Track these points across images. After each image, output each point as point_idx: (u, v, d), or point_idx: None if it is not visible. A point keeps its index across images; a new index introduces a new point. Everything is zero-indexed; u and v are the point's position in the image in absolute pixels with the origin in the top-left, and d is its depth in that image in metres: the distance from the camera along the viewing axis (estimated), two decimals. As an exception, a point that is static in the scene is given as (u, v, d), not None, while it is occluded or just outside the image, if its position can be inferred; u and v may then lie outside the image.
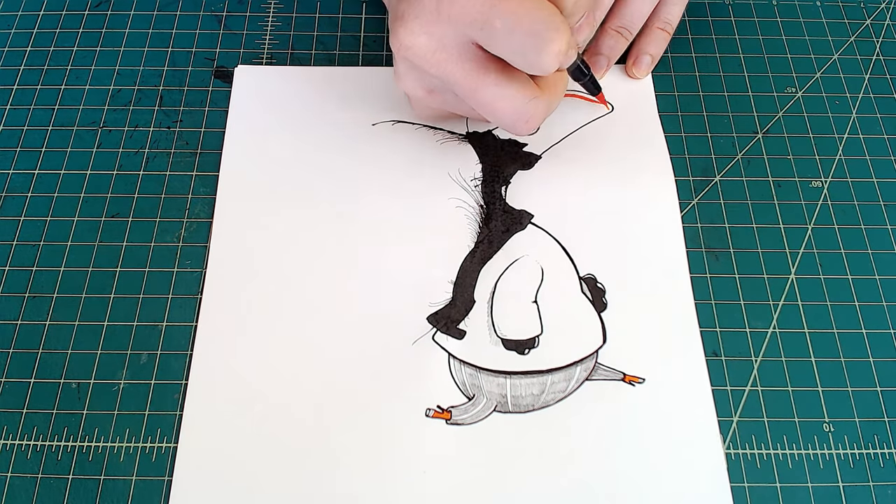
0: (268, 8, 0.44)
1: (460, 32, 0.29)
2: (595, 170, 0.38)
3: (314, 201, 0.37)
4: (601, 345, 0.33)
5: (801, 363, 0.33)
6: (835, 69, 0.42)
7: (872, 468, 0.31)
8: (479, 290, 0.35)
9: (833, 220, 0.37)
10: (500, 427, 0.32)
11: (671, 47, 0.41)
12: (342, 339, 0.33)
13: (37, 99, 0.40)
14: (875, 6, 0.44)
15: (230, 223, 0.36)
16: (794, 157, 0.39)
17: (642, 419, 0.32)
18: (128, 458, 0.31)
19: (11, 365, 0.33)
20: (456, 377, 0.33)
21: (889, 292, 0.35)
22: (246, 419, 0.32)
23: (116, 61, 0.42)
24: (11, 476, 0.31)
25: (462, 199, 0.37)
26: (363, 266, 0.35)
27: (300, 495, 0.30)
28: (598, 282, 0.35)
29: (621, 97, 0.40)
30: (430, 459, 0.31)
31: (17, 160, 0.38)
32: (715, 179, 0.38)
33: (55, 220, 0.37)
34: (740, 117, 0.40)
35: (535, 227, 0.36)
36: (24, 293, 0.35)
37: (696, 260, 0.36)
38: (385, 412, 0.32)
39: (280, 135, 0.39)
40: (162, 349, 0.33)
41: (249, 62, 0.42)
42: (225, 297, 0.34)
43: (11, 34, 0.43)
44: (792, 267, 0.36)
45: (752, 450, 0.32)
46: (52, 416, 0.32)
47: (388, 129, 0.39)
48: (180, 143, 0.39)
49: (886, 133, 0.40)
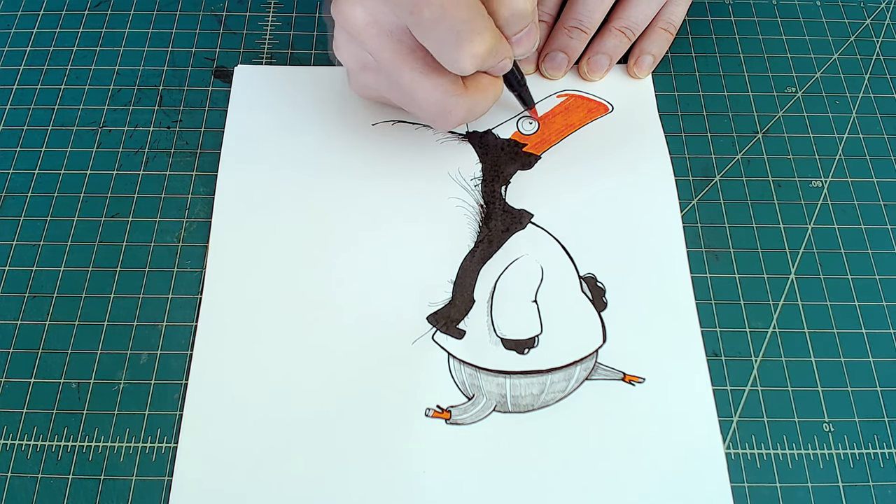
0: (268, 8, 0.44)
1: (394, 12, 0.30)
2: (595, 169, 0.38)
3: (314, 201, 0.37)
4: (601, 344, 0.33)
5: (801, 363, 0.33)
6: (835, 69, 0.42)
7: (872, 468, 0.31)
8: (479, 289, 0.35)
9: (833, 220, 0.37)
10: (499, 427, 0.32)
11: (671, 47, 0.41)
12: (342, 339, 0.33)
13: (37, 99, 0.40)
14: (875, 6, 0.44)
15: (229, 223, 0.36)
16: (794, 156, 0.39)
17: (642, 419, 0.32)
18: (128, 458, 0.31)
19: (11, 365, 0.33)
20: (455, 377, 0.33)
21: (889, 292, 0.35)
22: (246, 419, 0.32)
23: (116, 61, 0.42)
24: (11, 476, 0.31)
25: (462, 199, 0.37)
26: (363, 265, 0.35)
27: (300, 495, 0.30)
28: (598, 281, 0.35)
29: (621, 97, 0.40)
30: (429, 459, 0.31)
31: (17, 160, 0.38)
32: (715, 179, 0.38)
33: (55, 220, 0.37)
34: (740, 117, 0.40)
35: (535, 227, 0.36)
36: (24, 293, 0.35)
37: (696, 260, 0.36)
38: (385, 412, 0.32)
39: (280, 135, 0.39)
40: (162, 349, 0.33)
41: (249, 62, 0.42)
42: (225, 297, 0.34)
43: (11, 34, 0.43)
44: (792, 267, 0.36)
45: (752, 450, 0.32)
46: (52, 416, 0.32)
47: (388, 129, 0.39)
48: (180, 143, 0.39)
49: (886, 133, 0.40)
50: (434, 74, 0.31)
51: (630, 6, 0.40)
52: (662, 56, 0.41)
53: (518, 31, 0.32)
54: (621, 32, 0.40)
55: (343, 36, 0.33)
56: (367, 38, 0.31)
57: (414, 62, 0.31)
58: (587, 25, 0.39)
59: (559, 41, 0.40)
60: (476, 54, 0.29)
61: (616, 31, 0.40)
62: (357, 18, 0.31)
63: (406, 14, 0.29)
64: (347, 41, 0.33)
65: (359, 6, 0.30)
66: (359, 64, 0.34)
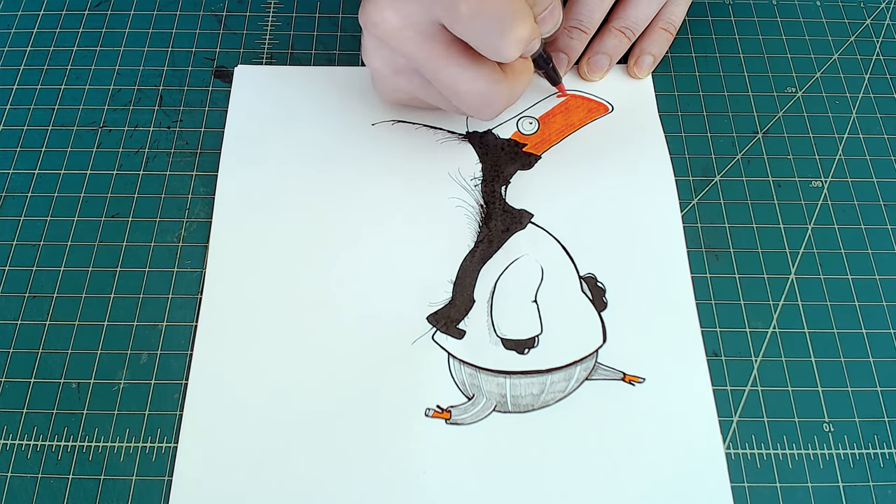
0: (268, 8, 0.44)
1: (426, 12, 0.30)
2: (595, 169, 0.38)
3: (313, 201, 0.37)
4: (601, 344, 0.33)
5: (801, 363, 0.33)
6: (835, 69, 0.42)
7: (872, 468, 0.31)
8: (479, 289, 0.35)
9: (833, 220, 0.37)
10: (499, 427, 0.32)
11: (671, 47, 0.41)
12: (342, 339, 0.33)
13: (37, 99, 0.40)
14: (875, 6, 0.44)
15: (229, 223, 0.36)
16: (794, 157, 0.39)
17: (642, 419, 0.32)
18: (128, 458, 0.31)
19: (11, 365, 0.33)
20: (455, 377, 0.33)
21: (889, 292, 0.35)
22: (246, 419, 0.32)
23: (116, 61, 0.42)
24: (11, 476, 0.31)
25: (462, 199, 0.37)
26: (363, 265, 0.35)
27: (300, 495, 0.30)
28: (598, 281, 0.35)
29: (621, 97, 0.40)
30: (429, 459, 0.31)
31: (17, 160, 0.38)
32: (715, 179, 0.38)
33: (55, 220, 0.37)
34: (740, 117, 0.40)
35: (535, 227, 0.36)
36: (24, 293, 0.35)
37: (696, 260, 0.36)
38: (385, 412, 0.32)
39: (280, 135, 0.39)
40: (162, 349, 0.33)
41: (249, 62, 0.42)
42: (225, 297, 0.34)
43: (11, 34, 0.43)
44: (792, 267, 0.36)
45: (752, 450, 0.32)
46: (52, 416, 0.32)
47: (388, 129, 0.39)
48: (180, 143, 0.39)
49: (886, 133, 0.40)
50: (474, 66, 0.31)
51: (630, 6, 0.40)
52: (662, 56, 0.41)
53: (543, 10, 0.32)
54: (621, 32, 0.40)
55: (372, 42, 0.32)
56: (402, 41, 0.31)
57: (452, 58, 0.31)
58: (587, 25, 0.39)
59: (559, 41, 0.40)
60: (521, 38, 0.29)
61: (616, 31, 0.40)
62: (388, 23, 0.30)
63: (441, 11, 0.29)
64: (377, 47, 0.32)
65: (389, 10, 0.30)
66: (391, 69, 0.33)
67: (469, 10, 0.28)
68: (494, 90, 0.32)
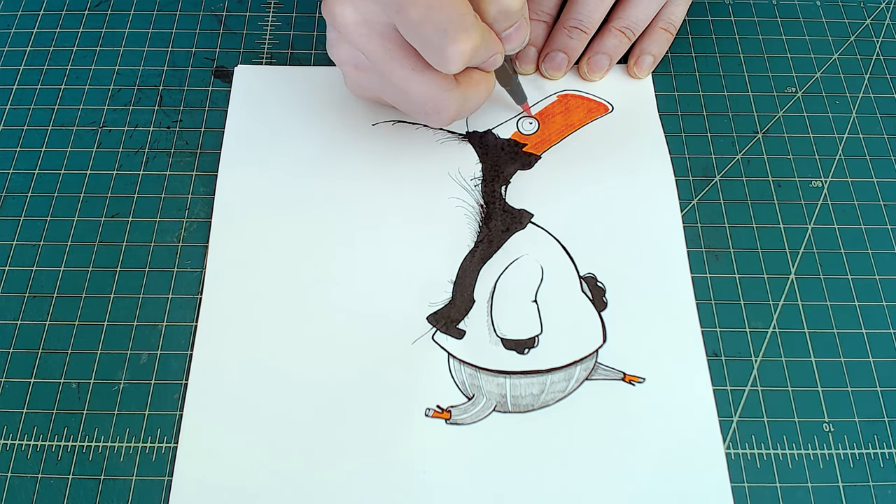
0: (268, 8, 0.44)
1: (382, 12, 0.30)
2: (595, 169, 0.38)
3: (313, 201, 0.37)
4: (601, 344, 0.33)
5: (801, 363, 0.33)
6: (835, 69, 0.42)
7: (872, 468, 0.31)
8: (479, 289, 0.35)
9: (833, 220, 0.37)
10: (499, 427, 0.32)
11: (671, 47, 0.41)
12: (342, 339, 0.33)
13: (37, 99, 0.40)
14: (875, 6, 0.44)
15: (229, 223, 0.36)
16: (794, 156, 0.39)
17: (642, 419, 0.32)
18: (128, 458, 0.31)
19: (11, 365, 0.33)
20: (455, 377, 0.33)
21: (889, 292, 0.35)
22: (246, 419, 0.32)
23: (116, 61, 0.42)
24: (11, 476, 0.31)
25: (462, 199, 0.37)
26: (363, 265, 0.35)
27: (300, 495, 0.30)
28: (598, 281, 0.35)
29: (621, 97, 0.40)
30: (429, 459, 0.31)
31: (17, 160, 0.38)
32: (715, 179, 0.38)
33: (55, 220, 0.37)
34: (740, 117, 0.40)
35: (535, 227, 0.36)
36: (24, 293, 0.35)
37: (696, 260, 0.36)
38: (384, 412, 0.32)
39: (280, 134, 0.39)
40: (162, 349, 0.33)
41: (249, 62, 0.42)
42: (225, 297, 0.34)
43: (11, 34, 0.43)
44: (792, 267, 0.36)
45: (752, 450, 0.32)
46: (52, 416, 0.32)
47: (388, 129, 0.39)
48: (180, 143, 0.39)
49: (886, 133, 0.40)
50: (425, 71, 0.31)
51: (630, 6, 0.40)
52: (662, 56, 0.41)
53: (507, 28, 0.32)
54: (621, 32, 0.40)
55: (335, 35, 0.33)
56: (358, 37, 0.31)
57: (404, 60, 0.31)
58: (587, 25, 0.39)
59: (559, 41, 0.40)
60: (462, 52, 0.29)
61: (616, 31, 0.40)
62: (346, 18, 0.31)
63: (393, 13, 0.29)
64: (339, 40, 0.33)
65: (348, 6, 0.30)
66: (351, 63, 0.34)
67: (417, 16, 0.28)
68: (444, 98, 0.32)
